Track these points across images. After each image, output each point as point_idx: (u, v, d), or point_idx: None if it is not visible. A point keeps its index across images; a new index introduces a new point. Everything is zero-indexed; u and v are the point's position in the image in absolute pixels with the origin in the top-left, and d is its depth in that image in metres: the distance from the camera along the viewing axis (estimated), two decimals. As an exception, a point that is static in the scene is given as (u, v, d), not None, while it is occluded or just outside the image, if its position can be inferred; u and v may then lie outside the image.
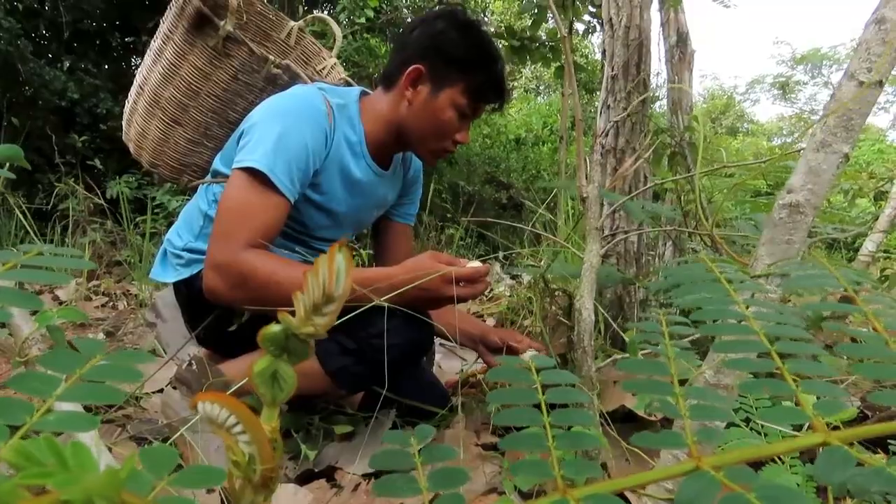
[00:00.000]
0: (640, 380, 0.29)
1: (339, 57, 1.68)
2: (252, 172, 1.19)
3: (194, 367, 1.22)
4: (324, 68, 1.64)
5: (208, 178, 1.42)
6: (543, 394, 0.28)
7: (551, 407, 0.28)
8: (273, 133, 1.21)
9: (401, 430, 1.38)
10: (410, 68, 1.31)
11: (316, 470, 1.21)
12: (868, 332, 0.31)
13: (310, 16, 1.66)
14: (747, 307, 0.36)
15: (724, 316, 0.33)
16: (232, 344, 1.34)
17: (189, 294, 1.39)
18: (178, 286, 1.41)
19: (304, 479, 1.19)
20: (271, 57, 1.38)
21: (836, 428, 0.85)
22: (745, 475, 0.23)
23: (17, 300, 0.25)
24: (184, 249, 1.38)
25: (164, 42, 1.38)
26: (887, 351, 0.30)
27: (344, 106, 1.34)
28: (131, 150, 1.47)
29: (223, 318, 1.32)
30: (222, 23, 1.31)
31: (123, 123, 1.49)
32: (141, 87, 1.43)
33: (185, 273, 1.37)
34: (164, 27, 1.39)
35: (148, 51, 1.43)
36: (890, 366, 0.29)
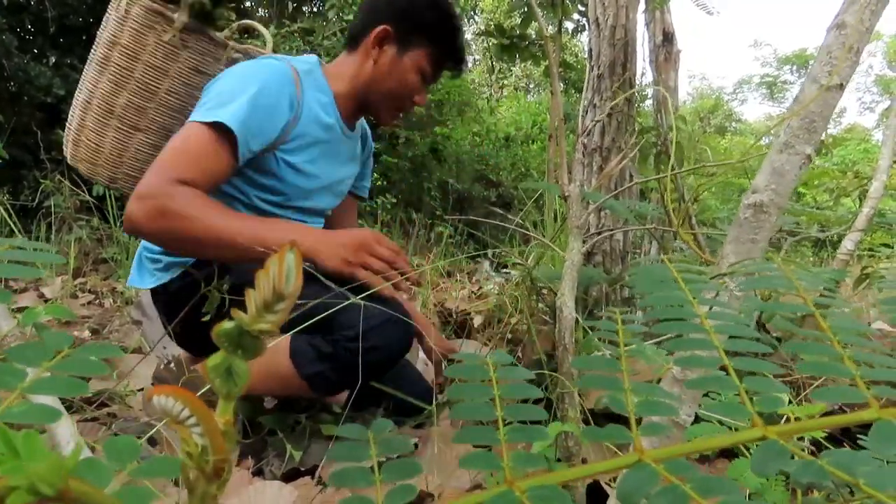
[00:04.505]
0: (592, 376, 0.30)
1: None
2: (213, 126, 1.19)
3: (173, 366, 1.22)
4: None
5: None
6: (498, 389, 0.29)
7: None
8: (238, 91, 1.22)
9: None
10: (379, 28, 1.36)
11: (302, 469, 1.21)
12: (817, 332, 0.33)
13: (237, 23, 1.58)
14: (710, 307, 0.37)
15: (679, 315, 0.34)
16: (208, 345, 1.34)
17: (167, 299, 1.39)
18: (156, 291, 1.40)
19: (289, 476, 1.20)
20: (230, 42, 1.36)
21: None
22: (683, 468, 0.24)
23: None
24: (161, 253, 1.38)
25: (108, 49, 1.32)
26: (832, 350, 0.31)
27: (310, 71, 1.37)
28: (83, 170, 1.40)
29: (198, 317, 1.31)
30: (177, 14, 1.28)
31: (68, 145, 1.41)
32: (88, 102, 1.35)
33: (165, 277, 1.37)
34: (104, 35, 1.33)
35: (88, 65, 1.37)
36: (830, 364, 0.30)
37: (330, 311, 1.10)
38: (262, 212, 1.38)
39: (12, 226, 3.15)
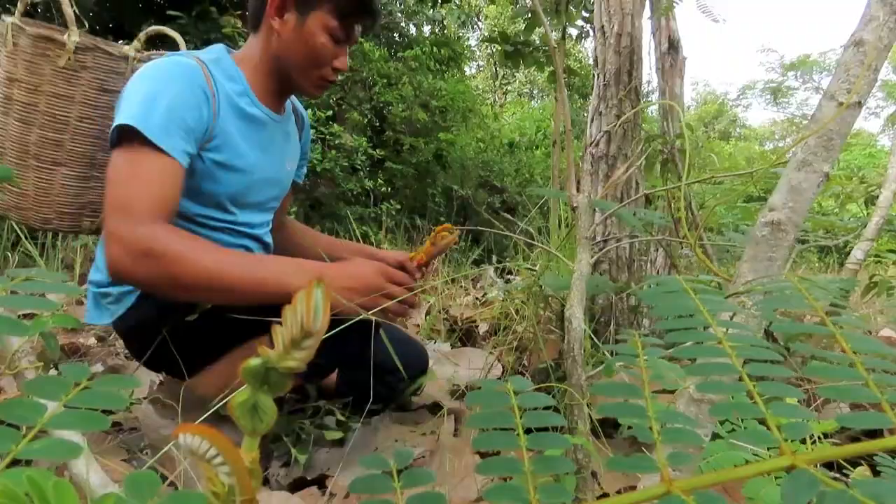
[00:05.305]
0: (614, 403, 0.30)
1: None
2: (138, 139, 1.11)
3: (165, 385, 1.21)
4: None
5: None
6: (521, 417, 0.29)
7: (528, 431, 0.28)
8: (151, 96, 1.13)
9: (395, 426, 1.40)
10: None
11: (308, 478, 1.21)
12: (837, 354, 0.32)
13: (145, 31, 1.46)
14: (727, 330, 0.37)
15: (699, 339, 0.34)
16: (185, 364, 1.29)
17: (128, 328, 1.32)
18: (116, 325, 1.33)
19: (295, 486, 1.20)
20: (131, 53, 1.29)
21: (820, 438, 0.86)
22: (713, 499, 0.24)
23: (6, 327, 0.26)
24: (111, 285, 1.30)
25: (7, 88, 1.24)
26: (853, 372, 0.31)
27: (217, 60, 1.29)
28: (13, 217, 1.31)
29: (169, 341, 1.26)
30: (66, 35, 1.19)
31: None
32: (1, 147, 1.27)
33: (120, 310, 1.30)
34: (0, 74, 1.25)
35: None
36: (852, 388, 0.30)
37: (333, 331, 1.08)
38: (196, 220, 1.30)
39: (18, 232, 3.16)
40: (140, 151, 1.11)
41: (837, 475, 0.81)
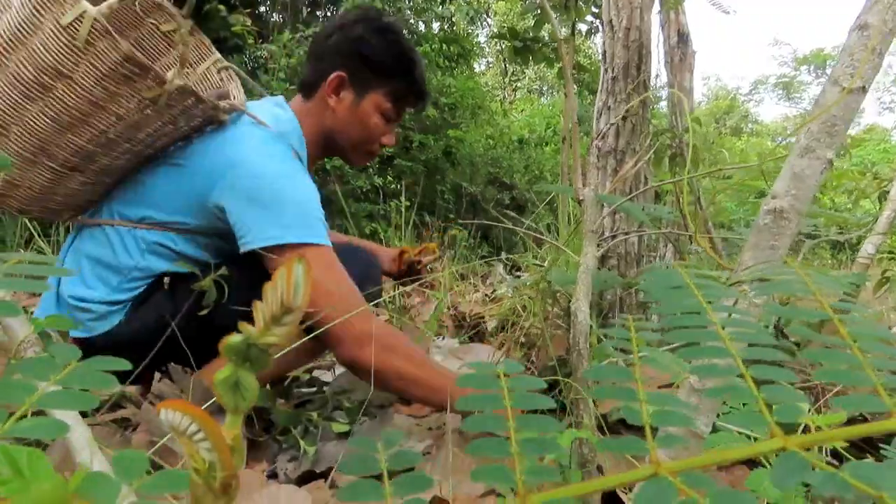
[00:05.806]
0: (606, 386, 0.30)
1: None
2: (313, 247, 1.19)
3: (167, 379, 1.21)
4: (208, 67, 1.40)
5: (114, 220, 1.28)
6: (510, 400, 0.29)
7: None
8: (305, 206, 1.22)
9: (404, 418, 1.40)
10: (332, 76, 1.32)
11: (317, 471, 1.21)
12: (837, 339, 0.32)
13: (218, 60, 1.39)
14: (729, 315, 0.37)
15: (694, 323, 0.33)
16: (192, 356, 1.28)
17: (109, 347, 1.27)
18: (91, 341, 1.28)
19: (303, 479, 1.20)
20: (223, 104, 1.22)
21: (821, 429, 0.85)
22: (701, 481, 0.24)
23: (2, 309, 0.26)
24: (98, 302, 1.26)
25: (45, 76, 1.01)
26: (852, 357, 0.30)
27: (300, 149, 1.34)
28: None
29: (168, 349, 1.25)
30: (170, 74, 1.07)
31: None
32: (4, 128, 1.06)
33: (102, 326, 1.26)
34: (38, 58, 0.99)
35: None
36: (849, 371, 0.29)
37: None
38: (187, 259, 1.30)
39: (32, 230, 3.19)
40: (319, 253, 1.20)
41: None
